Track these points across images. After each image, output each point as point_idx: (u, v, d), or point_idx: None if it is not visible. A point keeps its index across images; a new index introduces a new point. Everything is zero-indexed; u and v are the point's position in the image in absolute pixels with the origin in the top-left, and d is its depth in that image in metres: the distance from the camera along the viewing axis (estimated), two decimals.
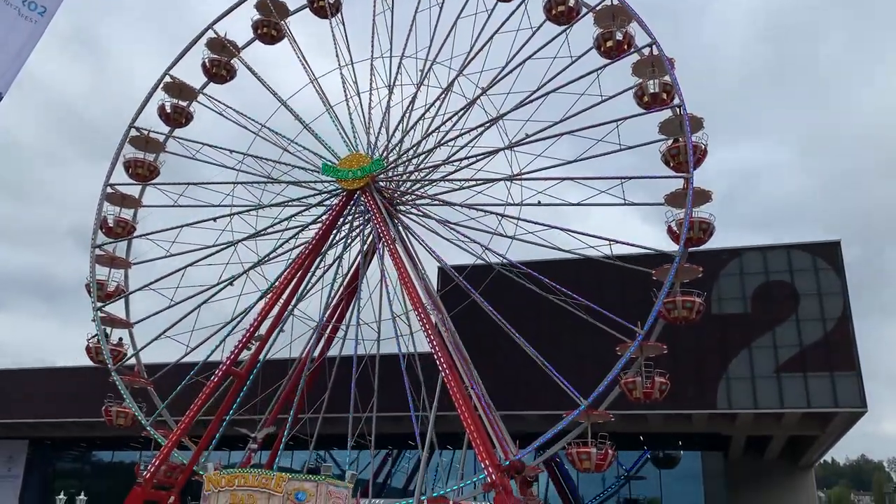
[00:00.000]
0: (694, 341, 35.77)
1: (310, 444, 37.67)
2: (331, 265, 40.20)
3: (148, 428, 36.37)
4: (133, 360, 39.41)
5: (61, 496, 28.24)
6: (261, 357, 36.88)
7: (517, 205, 34.81)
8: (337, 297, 39.95)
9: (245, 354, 36.59)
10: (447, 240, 36.89)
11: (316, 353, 39.69)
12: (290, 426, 37.39)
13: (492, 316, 34.33)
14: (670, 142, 32.27)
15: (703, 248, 32.01)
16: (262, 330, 36.51)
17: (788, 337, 35.82)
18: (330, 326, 39.55)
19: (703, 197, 31.44)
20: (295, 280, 36.86)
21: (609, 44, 33.79)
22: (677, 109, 32.24)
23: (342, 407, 37.68)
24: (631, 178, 32.83)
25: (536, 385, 36.49)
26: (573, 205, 33.54)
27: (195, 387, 36.29)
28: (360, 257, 39.14)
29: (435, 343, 32.84)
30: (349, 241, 40.18)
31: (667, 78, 32.71)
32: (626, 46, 33.79)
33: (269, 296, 36.73)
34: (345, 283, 40.21)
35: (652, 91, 32.67)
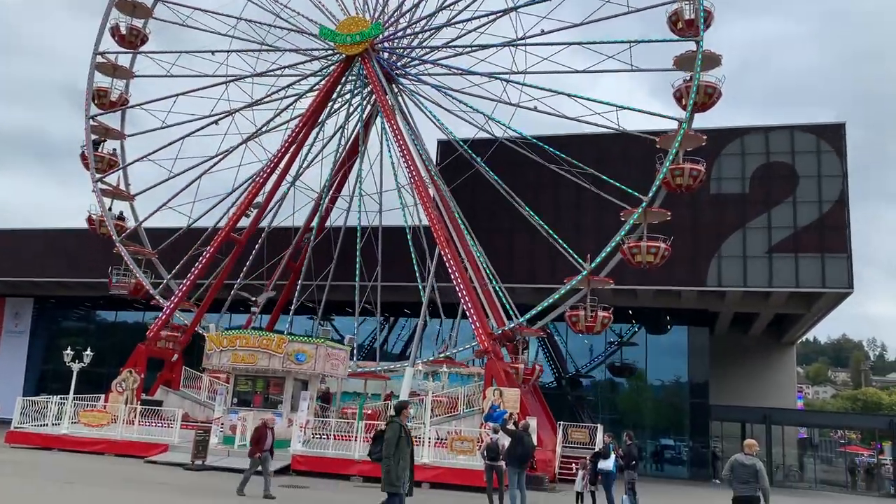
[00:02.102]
0: (690, 220, 36.08)
1: (318, 309, 38.91)
2: (331, 136, 39.83)
3: (129, 261, 37.28)
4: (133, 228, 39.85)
5: (68, 351, 29.21)
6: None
7: (521, 73, 34.08)
8: (335, 166, 39.93)
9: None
10: (447, 110, 36.27)
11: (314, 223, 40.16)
12: (290, 292, 38.41)
13: (493, 185, 34.62)
14: (688, 77, 31.07)
15: (704, 126, 31.63)
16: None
17: (783, 218, 36.00)
18: (328, 196, 39.71)
19: (696, 140, 31.23)
20: (292, 149, 36.58)
21: None
22: (699, 44, 30.98)
23: (345, 275, 38.56)
24: (637, 70, 31.99)
25: (529, 259, 37.12)
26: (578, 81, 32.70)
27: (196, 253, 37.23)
28: (344, 126, 38.64)
29: (432, 216, 33.06)
30: (347, 108, 39.64)
31: (706, 3, 31.15)
32: None
33: (266, 166, 36.59)
34: (344, 152, 40.02)
35: (687, 17, 31.17)
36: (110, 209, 38.39)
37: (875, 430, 50.63)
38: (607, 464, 18.93)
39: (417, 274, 36.03)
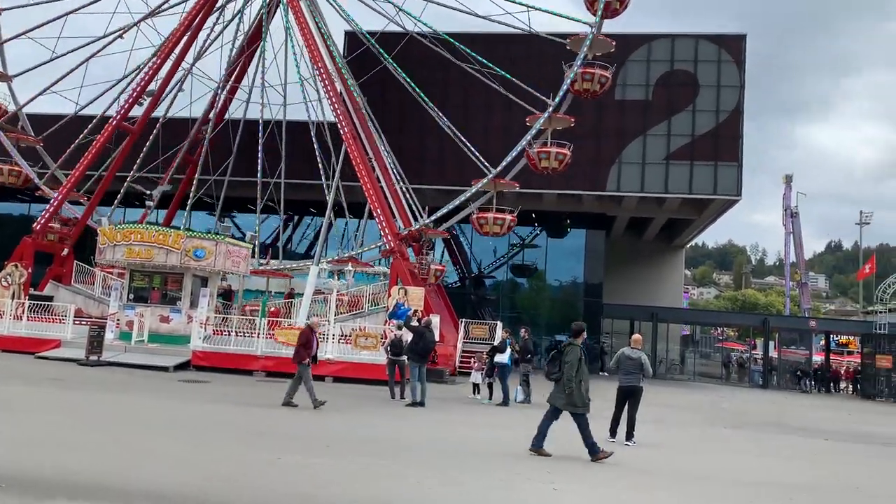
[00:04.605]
0: (594, 125, 36.61)
1: (216, 206, 37.82)
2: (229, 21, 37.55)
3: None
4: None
5: None
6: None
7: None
8: (235, 55, 37.87)
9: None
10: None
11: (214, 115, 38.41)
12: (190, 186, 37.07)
13: (402, 83, 33.86)
14: (580, 70, 30.58)
15: (613, 32, 31.70)
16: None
17: (682, 126, 37.15)
18: (227, 87, 37.87)
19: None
20: (188, 34, 34.37)
21: None
22: (595, 29, 30.60)
23: (246, 171, 37.42)
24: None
25: (438, 160, 37.01)
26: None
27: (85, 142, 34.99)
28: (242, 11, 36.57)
29: (338, 111, 32.20)
30: None
31: None
32: None
33: (160, 51, 34.35)
34: (245, 41, 37.92)
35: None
36: None
37: (750, 328, 54.87)
38: (503, 357, 19.79)
39: (322, 171, 35.30)
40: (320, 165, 34.76)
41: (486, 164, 31.73)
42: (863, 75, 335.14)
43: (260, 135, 36.66)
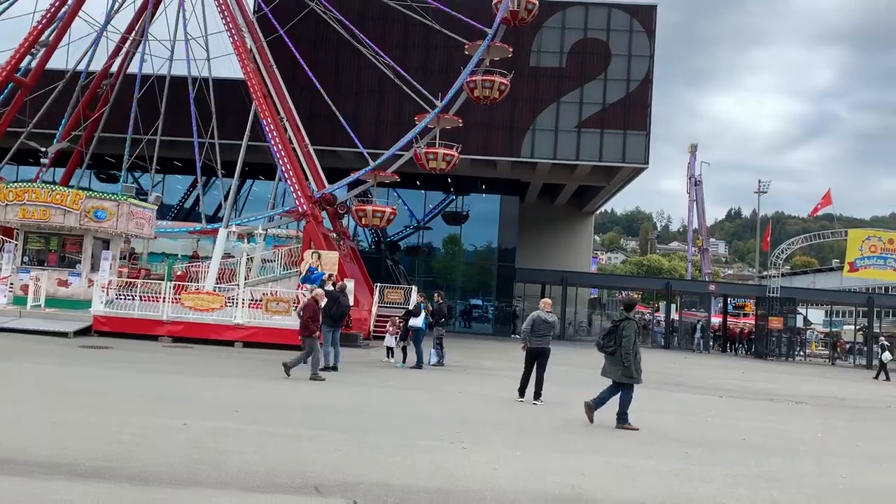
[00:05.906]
0: (510, 92, 36.71)
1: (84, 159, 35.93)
2: None
3: None
4: None
5: None
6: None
7: None
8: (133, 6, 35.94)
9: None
10: None
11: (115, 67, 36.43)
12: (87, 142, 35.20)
13: (319, 39, 33.09)
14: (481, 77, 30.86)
15: None
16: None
17: (594, 95, 37.80)
18: (130, 39, 35.95)
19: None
20: None
21: None
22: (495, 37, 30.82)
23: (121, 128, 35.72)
24: None
25: (353, 121, 36.37)
26: None
27: None
28: None
29: (248, 69, 31.16)
30: None
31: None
32: None
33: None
34: None
35: (512, 8, 30.50)
36: None
37: (654, 292, 57.15)
38: (417, 321, 19.92)
39: (195, 130, 34.14)
40: (195, 122, 33.49)
41: (368, 153, 31.58)
42: (768, 49, 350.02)
43: (136, 89, 34.89)
